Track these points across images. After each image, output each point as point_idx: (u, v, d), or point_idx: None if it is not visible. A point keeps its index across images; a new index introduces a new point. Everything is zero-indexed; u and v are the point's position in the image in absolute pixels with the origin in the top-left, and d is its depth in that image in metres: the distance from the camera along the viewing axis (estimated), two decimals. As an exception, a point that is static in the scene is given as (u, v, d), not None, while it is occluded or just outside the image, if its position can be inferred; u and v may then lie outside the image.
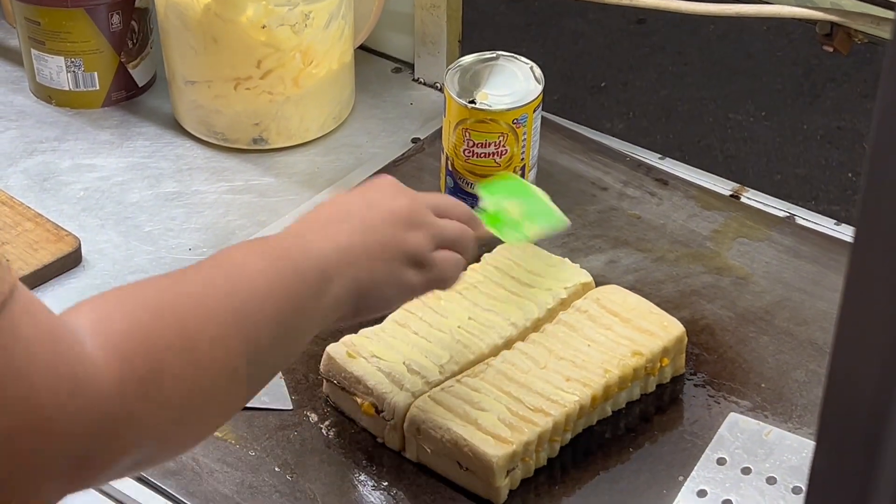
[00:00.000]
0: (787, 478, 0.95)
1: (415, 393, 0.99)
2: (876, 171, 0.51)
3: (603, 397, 1.01)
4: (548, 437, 0.98)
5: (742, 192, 1.25)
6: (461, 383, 1.00)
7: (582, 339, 1.03)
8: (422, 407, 0.98)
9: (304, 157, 1.30)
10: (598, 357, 1.02)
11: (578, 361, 1.01)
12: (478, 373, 1.01)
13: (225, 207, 1.24)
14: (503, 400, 0.98)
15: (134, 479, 0.98)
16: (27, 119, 1.34)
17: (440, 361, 1.01)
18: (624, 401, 1.03)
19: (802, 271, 1.16)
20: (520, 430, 0.96)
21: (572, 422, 0.99)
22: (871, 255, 0.52)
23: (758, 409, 1.03)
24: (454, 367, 1.02)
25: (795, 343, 1.09)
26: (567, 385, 0.99)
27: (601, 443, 1.01)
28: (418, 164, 1.27)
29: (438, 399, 0.98)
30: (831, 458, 0.57)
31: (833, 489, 0.58)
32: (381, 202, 0.87)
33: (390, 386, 1.00)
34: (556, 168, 1.27)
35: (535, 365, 1.01)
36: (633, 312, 1.05)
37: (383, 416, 1.00)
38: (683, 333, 1.04)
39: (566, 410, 0.98)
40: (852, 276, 0.53)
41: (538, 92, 1.17)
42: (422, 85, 1.39)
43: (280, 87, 1.26)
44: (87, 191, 1.26)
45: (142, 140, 1.32)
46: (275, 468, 0.99)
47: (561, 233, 1.20)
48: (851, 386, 0.55)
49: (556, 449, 0.99)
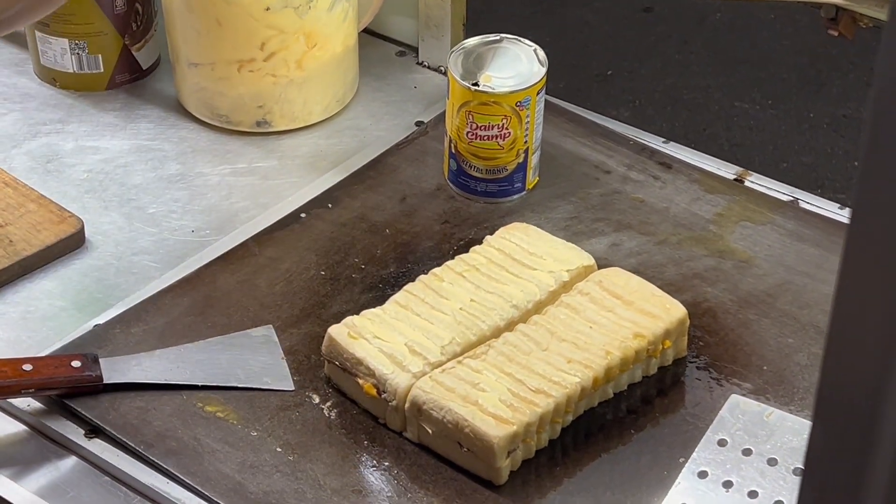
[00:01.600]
0: (788, 459, 0.95)
1: (416, 374, 0.99)
2: (872, 153, 0.51)
3: (604, 379, 1.01)
4: (549, 418, 0.98)
5: (746, 175, 1.25)
6: (462, 364, 1.00)
7: (584, 321, 1.03)
8: (423, 388, 0.98)
9: (307, 140, 1.30)
10: (600, 339, 1.02)
11: (580, 343, 1.01)
12: (479, 354, 1.01)
13: (228, 190, 1.24)
14: (504, 381, 0.98)
15: (135, 458, 0.99)
16: (31, 101, 1.35)
17: (442, 343, 1.01)
18: (625, 383, 1.03)
19: (805, 255, 1.16)
20: (521, 411, 0.96)
21: (573, 403, 0.99)
22: (868, 233, 0.52)
23: (759, 391, 1.03)
24: (456, 348, 1.02)
25: (798, 326, 1.09)
26: (568, 366, 0.99)
27: (602, 424, 1.01)
28: (422, 147, 1.27)
29: (440, 380, 0.98)
30: (828, 438, 0.57)
31: (830, 468, 0.58)
32: None
33: (392, 367, 1.00)
34: (560, 151, 1.26)
35: (536, 346, 1.01)
36: (635, 295, 1.05)
37: (384, 397, 1.00)
38: (685, 315, 1.04)
39: (567, 392, 0.98)
40: (850, 248, 0.52)
41: (542, 74, 1.17)
42: (426, 69, 1.39)
43: (283, 69, 1.26)
44: (90, 173, 1.26)
45: (145, 122, 1.32)
46: (276, 448, 0.99)
47: (564, 215, 1.20)
48: (848, 363, 0.55)
49: (558, 430, 0.99)
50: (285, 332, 1.08)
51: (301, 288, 1.12)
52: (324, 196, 1.22)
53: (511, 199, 1.21)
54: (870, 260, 0.52)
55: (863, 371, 0.55)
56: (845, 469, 0.57)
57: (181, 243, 1.19)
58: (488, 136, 1.18)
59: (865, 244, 0.52)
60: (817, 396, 0.57)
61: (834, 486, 0.58)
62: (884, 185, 0.51)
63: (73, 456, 1.00)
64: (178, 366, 1.04)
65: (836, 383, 0.56)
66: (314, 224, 1.19)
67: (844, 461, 0.57)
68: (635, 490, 0.97)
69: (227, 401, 1.02)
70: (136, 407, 1.02)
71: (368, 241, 1.17)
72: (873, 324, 0.53)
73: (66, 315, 1.11)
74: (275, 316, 1.10)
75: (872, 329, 0.53)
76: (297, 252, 1.16)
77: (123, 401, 1.02)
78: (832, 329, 0.54)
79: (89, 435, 1.00)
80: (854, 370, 0.55)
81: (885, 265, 0.52)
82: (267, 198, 1.23)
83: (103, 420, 1.00)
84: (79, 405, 1.01)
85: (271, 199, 1.23)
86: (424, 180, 1.24)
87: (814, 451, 0.57)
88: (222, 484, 0.97)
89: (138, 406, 1.02)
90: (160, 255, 1.17)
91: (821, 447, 0.58)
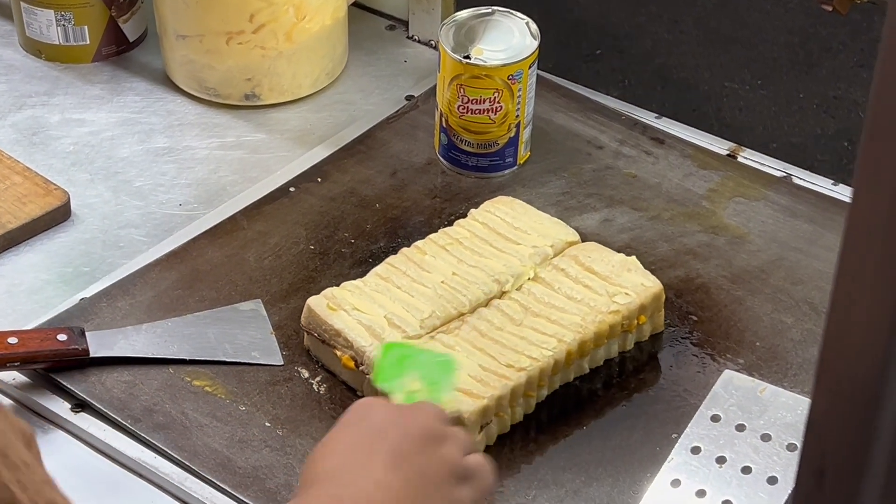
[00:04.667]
0: (781, 435, 0.94)
1: (394, 347, 0.98)
2: (875, 128, 0.50)
3: (578, 353, 1.00)
4: (521, 392, 0.97)
5: (739, 151, 1.24)
6: (435, 340, 0.98)
7: (559, 296, 1.02)
8: None
9: (296, 114, 1.29)
10: (575, 314, 1.01)
11: (554, 318, 1.00)
12: (452, 329, 1.00)
13: (216, 163, 1.23)
14: (476, 356, 0.97)
15: (122, 433, 0.97)
16: (16, 73, 1.33)
17: (421, 316, 1.00)
18: (601, 358, 1.02)
19: (799, 231, 1.15)
20: (492, 386, 0.95)
21: (546, 377, 0.98)
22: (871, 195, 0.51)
23: (753, 367, 1.02)
24: (436, 321, 1.00)
25: (791, 302, 1.08)
26: (541, 341, 0.98)
27: (579, 400, 1.00)
28: (412, 122, 1.26)
29: None
30: (830, 402, 0.56)
31: (832, 435, 0.57)
32: (395, 428, 0.81)
33: (370, 339, 0.99)
34: (552, 126, 1.25)
35: (509, 321, 1.00)
36: (611, 270, 1.04)
37: (362, 369, 0.98)
38: (661, 291, 1.03)
39: (540, 365, 0.97)
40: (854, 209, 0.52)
41: (534, 48, 1.16)
42: (416, 43, 1.37)
43: (272, 41, 1.25)
44: (76, 146, 1.25)
45: (132, 95, 1.30)
46: (265, 423, 0.98)
47: (556, 191, 1.19)
48: (850, 328, 0.54)
49: (532, 405, 0.98)
50: (274, 306, 1.07)
51: (289, 262, 1.11)
52: (313, 170, 1.20)
53: (502, 173, 1.20)
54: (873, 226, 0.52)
55: (866, 339, 0.54)
56: (847, 438, 0.56)
57: (168, 217, 1.17)
58: (479, 109, 1.16)
59: (868, 212, 0.52)
60: (819, 362, 0.56)
61: (834, 456, 0.57)
62: (886, 163, 0.50)
63: (59, 430, 0.99)
64: (165, 340, 1.02)
65: (839, 351, 0.55)
66: (303, 198, 1.17)
67: (846, 429, 0.56)
68: (627, 465, 0.96)
69: (215, 375, 1.01)
70: (123, 381, 1.00)
71: (358, 215, 1.16)
72: (876, 287, 0.53)
73: (52, 288, 1.10)
74: (263, 290, 1.08)
75: (874, 290, 0.53)
76: (286, 226, 1.14)
77: (110, 375, 1.01)
78: (835, 290, 0.54)
79: (76, 409, 0.99)
80: (857, 337, 0.54)
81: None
82: (255, 172, 1.22)
83: (90, 394, 0.99)
84: (65, 379, 1.00)
85: (260, 173, 1.21)
86: (415, 155, 1.22)
87: (816, 413, 0.57)
88: (210, 458, 0.95)
89: (125, 380, 1.00)
90: (147, 228, 1.16)
91: (823, 412, 0.57)
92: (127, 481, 0.96)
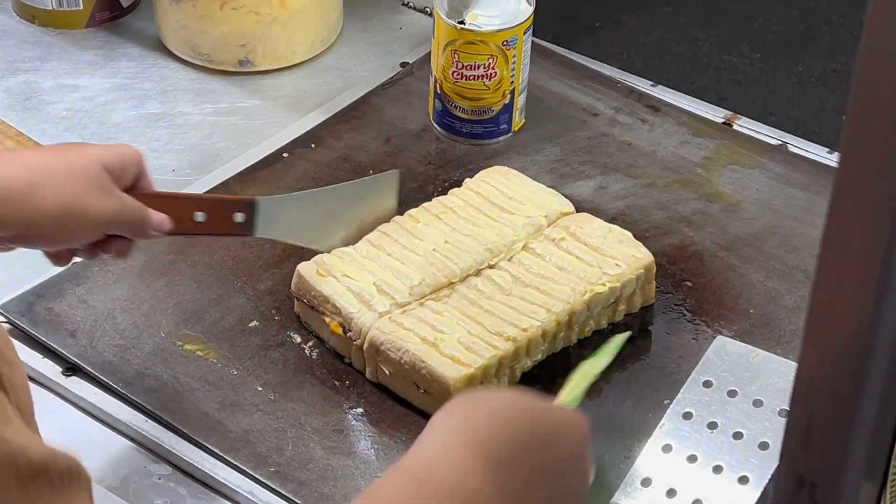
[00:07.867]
0: (773, 401, 0.94)
1: (382, 314, 0.98)
2: (861, 96, 0.49)
3: (567, 323, 0.99)
4: (508, 361, 0.96)
5: (734, 119, 1.23)
6: (424, 307, 0.98)
7: (549, 266, 1.02)
8: (382, 328, 0.96)
9: (290, 80, 1.28)
10: (564, 284, 1.00)
11: (544, 288, 1.00)
12: (442, 297, 0.99)
13: (209, 129, 1.23)
14: (465, 324, 0.97)
15: (113, 396, 0.97)
16: (9, 38, 1.32)
17: (411, 283, 1.00)
18: (591, 329, 1.02)
19: (793, 198, 1.14)
20: (479, 353, 0.95)
21: (534, 347, 0.98)
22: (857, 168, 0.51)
23: (746, 334, 1.02)
24: (425, 289, 1.00)
25: (785, 270, 1.08)
26: (530, 310, 0.98)
27: (569, 368, 0.99)
28: (407, 88, 1.25)
29: (399, 321, 0.97)
30: (818, 362, 0.56)
31: (820, 394, 0.57)
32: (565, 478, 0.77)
33: (358, 306, 0.98)
34: (547, 94, 1.25)
35: (499, 291, 0.99)
36: (602, 241, 1.03)
37: (350, 335, 0.98)
38: (652, 262, 1.03)
39: (528, 335, 0.97)
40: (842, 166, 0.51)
41: (529, 13, 1.15)
42: (411, 10, 1.37)
43: (267, 7, 1.24)
44: (69, 111, 1.24)
45: (126, 61, 1.30)
46: (257, 387, 0.98)
47: (550, 158, 1.18)
48: (838, 290, 0.54)
49: (518, 374, 0.98)
50: (266, 271, 1.07)
51: (283, 228, 1.11)
52: (307, 136, 1.20)
53: (497, 140, 1.20)
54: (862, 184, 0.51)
55: (853, 301, 0.54)
56: (834, 398, 0.56)
57: (162, 183, 1.15)
58: (474, 76, 1.16)
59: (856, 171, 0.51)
60: (807, 323, 0.56)
61: (821, 416, 0.57)
62: (873, 129, 0.50)
63: (50, 393, 0.99)
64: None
65: (826, 312, 0.55)
66: (297, 164, 1.17)
67: (834, 389, 0.56)
68: (619, 431, 0.95)
69: (207, 339, 1.01)
70: (115, 345, 1.00)
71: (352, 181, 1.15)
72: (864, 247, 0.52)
73: (44, 253, 1.09)
74: (256, 255, 1.08)
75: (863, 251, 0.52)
76: (280, 192, 1.14)
77: (102, 339, 1.00)
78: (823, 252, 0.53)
79: (67, 373, 0.99)
80: (844, 297, 0.54)
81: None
82: (249, 137, 1.21)
83: (81, 358, 0.99)
84: (57, 343, 1.00)
85: (253, 139, 1.21)
86: (409, 121, 1.22)
87: (803, 372, 0.56)
88: (202, 422, 0.95)
89: (117, 344, 1.00)
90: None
91: (810, 372, 0.57)
92: (118, 444, 0.96)
